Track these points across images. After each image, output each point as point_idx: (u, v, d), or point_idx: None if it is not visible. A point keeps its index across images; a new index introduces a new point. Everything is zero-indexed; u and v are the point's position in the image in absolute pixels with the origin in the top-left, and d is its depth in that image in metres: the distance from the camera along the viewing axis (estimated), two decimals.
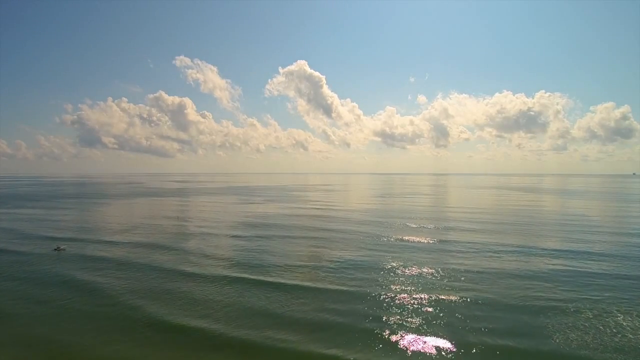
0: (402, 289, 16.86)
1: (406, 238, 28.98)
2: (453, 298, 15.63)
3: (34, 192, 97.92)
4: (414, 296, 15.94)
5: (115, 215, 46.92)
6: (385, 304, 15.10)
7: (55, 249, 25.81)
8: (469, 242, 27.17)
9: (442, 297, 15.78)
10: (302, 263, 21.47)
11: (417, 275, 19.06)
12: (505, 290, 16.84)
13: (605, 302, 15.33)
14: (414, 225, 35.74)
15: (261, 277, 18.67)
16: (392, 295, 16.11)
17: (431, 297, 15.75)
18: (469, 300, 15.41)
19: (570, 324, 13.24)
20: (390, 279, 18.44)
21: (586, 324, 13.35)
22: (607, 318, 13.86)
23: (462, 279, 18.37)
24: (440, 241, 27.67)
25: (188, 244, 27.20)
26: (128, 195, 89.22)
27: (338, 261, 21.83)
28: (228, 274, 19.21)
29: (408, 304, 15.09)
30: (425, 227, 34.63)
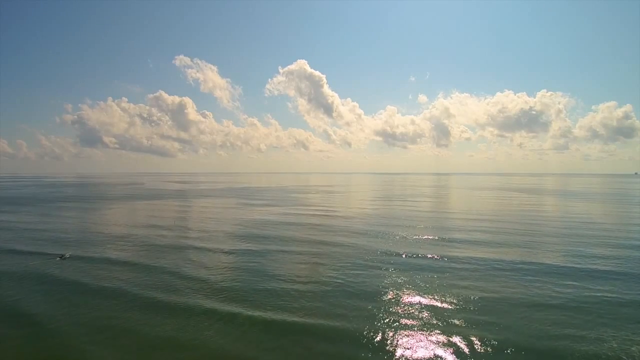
0: (404, 323, 15.17)
1: (409, 253, 27.34)
2: (463, 337, 13.95)
3: (30, 195, 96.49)
4: (418, 333, 14.27)
5: (109, 222, 45.35)
6: (385, 346, 13.45)
7: (59, 257, 25.78)
8: (475, 258, 25.52)
9: (451, 334, 14.11)
10: (295, 287, 19.65)
11: (421, 303, 17.35)
12: (520, 322, 15.20)
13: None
14: (417, 237, 34.08)
15: (245, 310, 16.50)
16: (393, 332, 14.43)
17: (438, 334, 14.10)
18: (481, 339, 13.76)
19: None
20: (391, 309, 16.74)
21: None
22: None
23: (471, 308, 16.74)
24: (446, 257, 26.01)
25: (174, 260, 25.45)
26: (127, 198, 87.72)
27: (335, 284, 20.14)
28: (208, 305, 17.09)
29: (411, 345, 13.45)
30: (428, 239, 32.97)
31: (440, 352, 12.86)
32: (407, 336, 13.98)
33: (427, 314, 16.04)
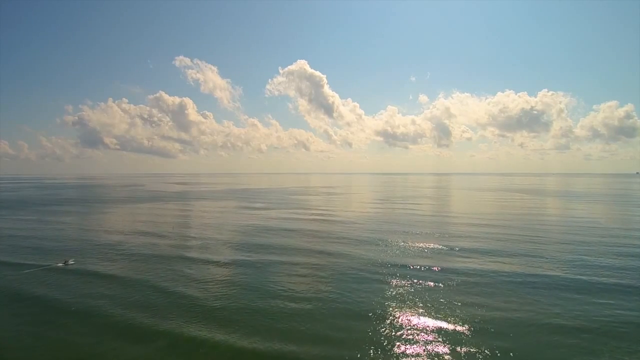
0: (406, 352, 14.15)
1: (411, 264, 26.29)
2: None
3: (28, 198, 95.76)
4: None
5: (105, 228, 44.40)
6: None
7: (63, 263, 26.24)
8: (480, 270, 24.43)
9: None
10: (290, 306, 18.64)
11: (425, 326, 16.27)
12: (531, 348, 14.16)
13: None
14: (419, 245, 33.01)
15: (232, 337, 15.04)
16: None
17: None
18: None
19: None
20: (392, 332, 15.68)
21: None
22: None
23: (478, 330, 15.63)
24: (450, 270, 24.93)
25: (166, 273, 24.46)
26: (126, 201, 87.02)
27: (332, 301, 19.13)
28: (192, 331, 15.67)
29: None
30: (431, 248, 31.87)
31: None
32: None
33: (431, 338, 14.97)
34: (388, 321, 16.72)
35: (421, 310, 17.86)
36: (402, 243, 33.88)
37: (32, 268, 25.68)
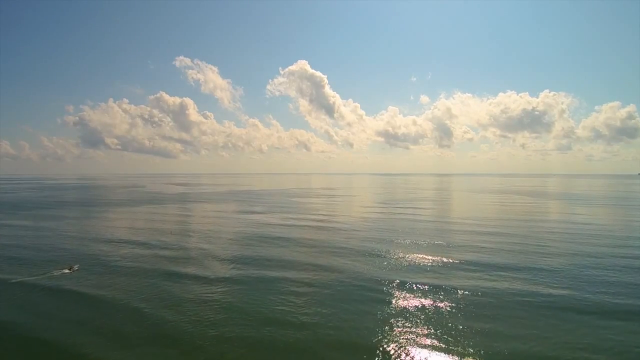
0: None
1: (414, 282, 24.69)
2: None
3: (24, 200, 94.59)
4: None
5: (99, 235, 42.54)
6: None
7: (68, 269, 26.87)
8: (490, 289, 22.84)
9: None
10: (283, 335, 17.19)
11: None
12: None
13: None
14: (422, 257, 31.35)
15: None
16: None
17: None
18: None
19: None
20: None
21: None
22: None
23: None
24: (457, 289, 23.20)
25: (149, 290, 23.11)
26: (125, 203, 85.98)
27: (327, 328, 17.72)
28: None
29: None
30: (436, 262, 30.21)
31: None
32: None
33: None
34: (388, 355, 15.26)
35: (424, 341, 16.37)
36: (404, 255, 32.34)
37: (16, 280, 24.55)
